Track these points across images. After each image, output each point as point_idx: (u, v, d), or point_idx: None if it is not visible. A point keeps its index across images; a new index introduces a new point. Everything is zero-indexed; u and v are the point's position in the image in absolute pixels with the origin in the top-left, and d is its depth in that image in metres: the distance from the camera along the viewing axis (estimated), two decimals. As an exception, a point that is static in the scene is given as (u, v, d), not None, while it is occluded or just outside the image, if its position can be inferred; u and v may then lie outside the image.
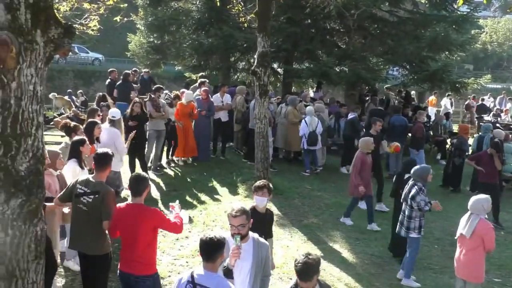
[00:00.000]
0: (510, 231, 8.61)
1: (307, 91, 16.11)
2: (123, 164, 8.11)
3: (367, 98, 14.76)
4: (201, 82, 11.56)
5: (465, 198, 6.55)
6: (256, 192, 4.60)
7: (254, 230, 3.92)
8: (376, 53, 15.02)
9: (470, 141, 12.48)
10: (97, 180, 4.45)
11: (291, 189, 9.49)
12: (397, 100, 15.30)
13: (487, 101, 21.50)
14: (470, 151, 11.47)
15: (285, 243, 6.97)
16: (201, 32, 16.16)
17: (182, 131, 10.02)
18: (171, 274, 5.72)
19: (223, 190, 9.03)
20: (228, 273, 3.55)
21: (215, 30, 14.63)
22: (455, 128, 14.69)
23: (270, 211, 4.93)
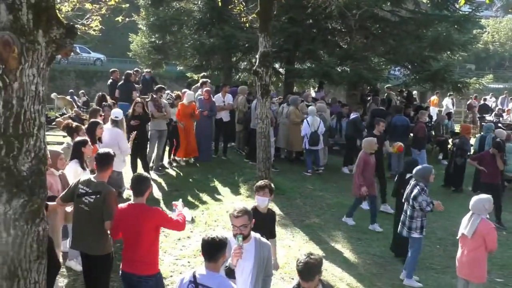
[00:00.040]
0: (512, 231, 8.60)
1: (308, 91, 16.07)
2: (126, 164, 8.12)
3: (368, 98, 14.73)
4: (203, 82, 11.59)
5: (467, 198, 6.52)
6: (257, 192, 4.58)
7: (255, 230, 3.91)
8: (378, 53, 15.02)
9: (472, 141, 12.47)
10: (98, 180, 4.45)
11: (293, 189, 9.48)
12: (398, 100, 15.28)
13: (489, 101, 21.42)
14: (472, 151, 11.43)
15: (287, 243, 6.97)
16: (202, 32, 16.14)
17: (184, 131, 10.03)
18: (173, 274, 5.71)
19: (225, 190, 9.03)
20: (230, 273, 3.55)
21: (216, 30, 14.63)
22: (457, 128, 14.69)
23: (271, 211, 4.91)
